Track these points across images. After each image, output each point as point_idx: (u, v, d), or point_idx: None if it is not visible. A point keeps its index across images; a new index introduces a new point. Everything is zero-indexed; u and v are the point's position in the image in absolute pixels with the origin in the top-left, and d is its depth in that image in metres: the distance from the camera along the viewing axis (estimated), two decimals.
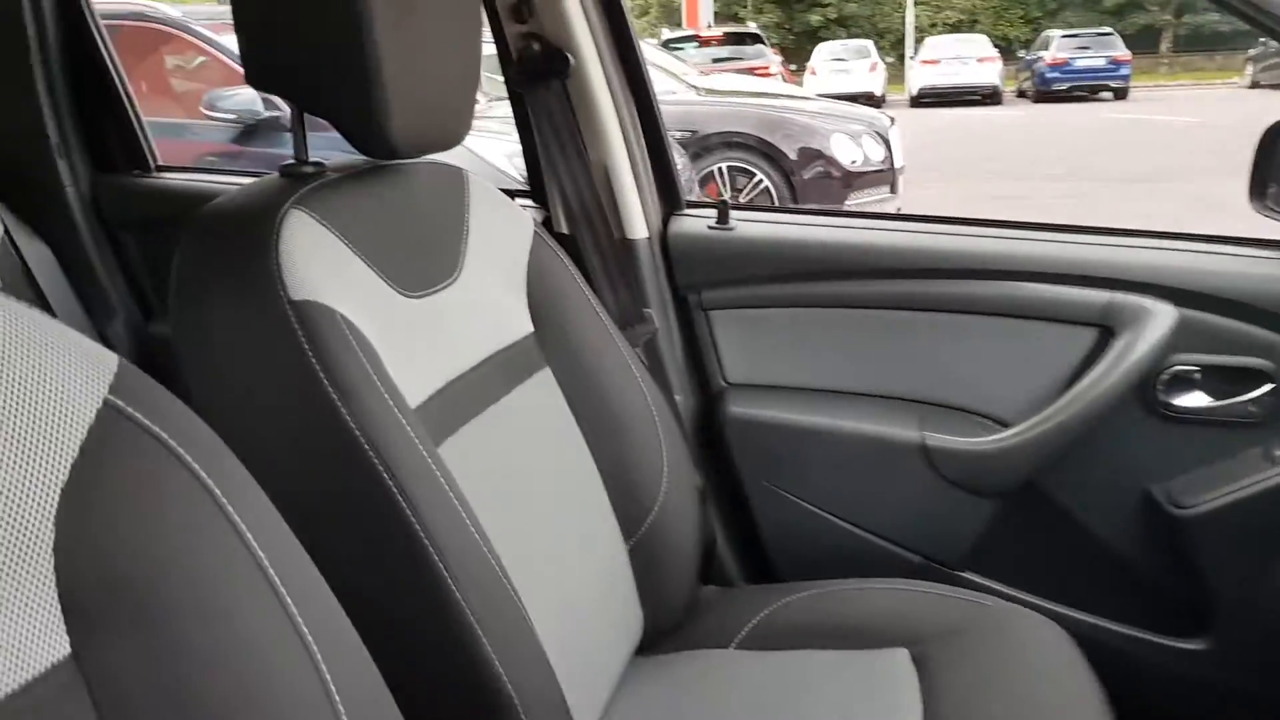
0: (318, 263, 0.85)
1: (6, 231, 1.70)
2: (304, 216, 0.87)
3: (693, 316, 1.51)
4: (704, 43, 14.35)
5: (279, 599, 0.50)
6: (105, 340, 1.81)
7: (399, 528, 0.80)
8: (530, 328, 1.10)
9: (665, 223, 1.53)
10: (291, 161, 0.99)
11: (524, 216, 1.13)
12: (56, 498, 0.44)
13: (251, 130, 4.15)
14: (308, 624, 0.50)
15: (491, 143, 3.51)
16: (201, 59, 4.59)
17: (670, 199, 1.55)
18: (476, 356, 1.00)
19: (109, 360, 0.50)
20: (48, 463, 0.44)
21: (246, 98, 4.02)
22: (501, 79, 1.50)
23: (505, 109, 1.58)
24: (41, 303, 1.72)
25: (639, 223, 1.48)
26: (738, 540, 1.52)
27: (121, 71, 1.75)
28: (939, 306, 1.38)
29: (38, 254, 1.74)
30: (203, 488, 0.49)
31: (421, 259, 0.98)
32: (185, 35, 4.45)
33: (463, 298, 1.01)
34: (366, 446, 0.80)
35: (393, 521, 0.80)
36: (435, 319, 0.96)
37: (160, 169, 1.80)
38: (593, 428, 1.11)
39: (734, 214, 1.50)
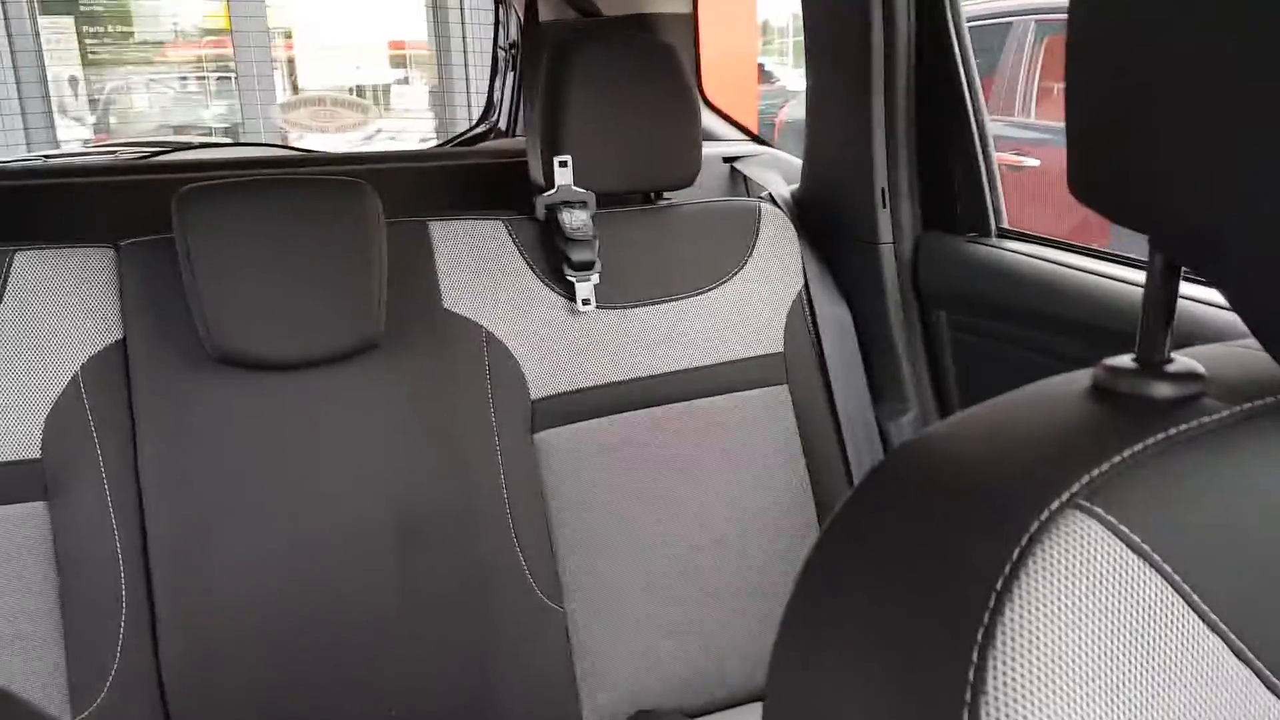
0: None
1: (806, 286, 1.41)
2: (1104, 538, 0.38)
3: None
4: None
5: None
6: (882, 434, 1.42)
7: None
8: None
9: None
10: (1128, 363, 0.44)
11: None
12: None
13: None
14: None
15: None
16: None
17: None
18: None
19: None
20: None
21: None
22: None
23: None
24: (821, 373, 1.40)
25: None
26: None
27: (983, 115, 1.29)
28: None
29: (834, 316, 1.42)
30: None
31: None
32: None
33: None
34: None
35: None
36: None
37: (1003, 234, 1.31)
38: None
39: None
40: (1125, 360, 0.45)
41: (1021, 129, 3.97)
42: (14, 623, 1.03)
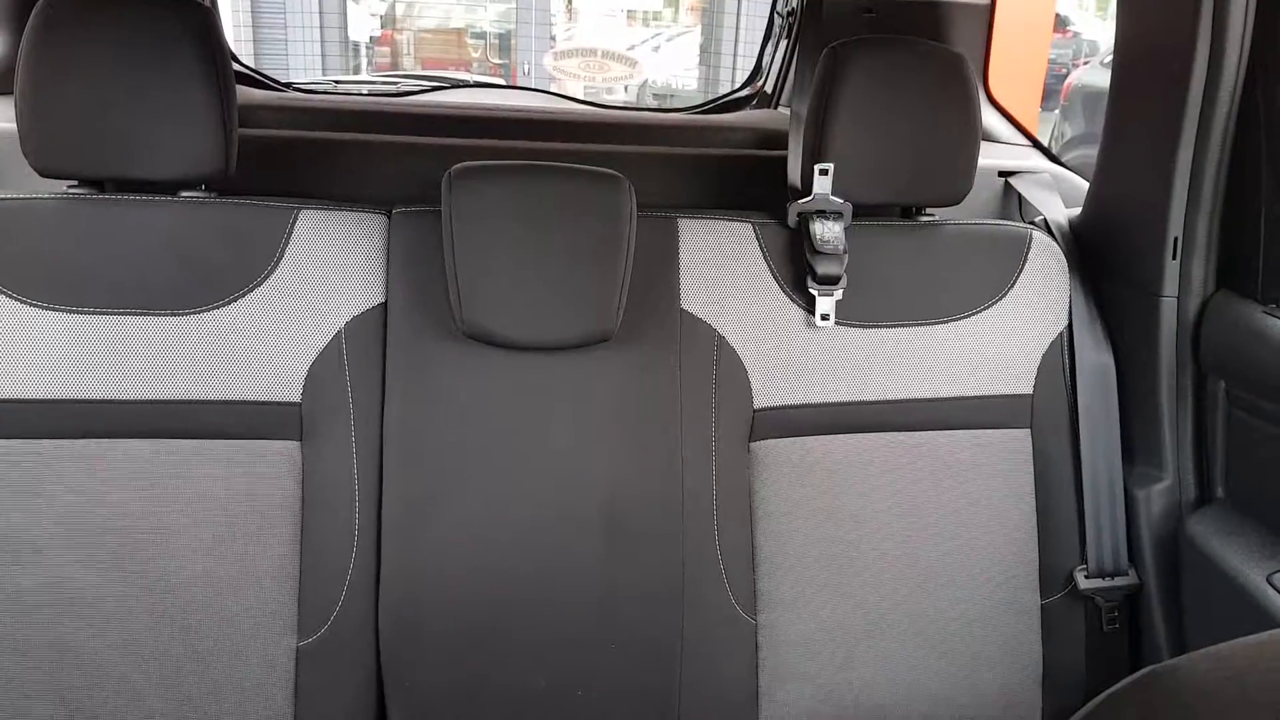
0: None
1: (1070, 327, 1.30)
2: None
3: None
4: None
5: None
6: (1128, 500, 1.30)
7: None
8: None
9: None
10: None
11: None
12: None
13: None
14: None
15: None
16: None
17: None
18: None
19: None
20: None
21: None
22: None
23: None
24: (1071, 423, 1.29)
25: None
26: None
27: None
28: None
29: (1096, 364, 1.30)
30: None
31: None
32: None
33: None
34: None
35: None
36: None
37: None
38: None
39: None
40: None
41: None
42: (259, 548, 1.15)
